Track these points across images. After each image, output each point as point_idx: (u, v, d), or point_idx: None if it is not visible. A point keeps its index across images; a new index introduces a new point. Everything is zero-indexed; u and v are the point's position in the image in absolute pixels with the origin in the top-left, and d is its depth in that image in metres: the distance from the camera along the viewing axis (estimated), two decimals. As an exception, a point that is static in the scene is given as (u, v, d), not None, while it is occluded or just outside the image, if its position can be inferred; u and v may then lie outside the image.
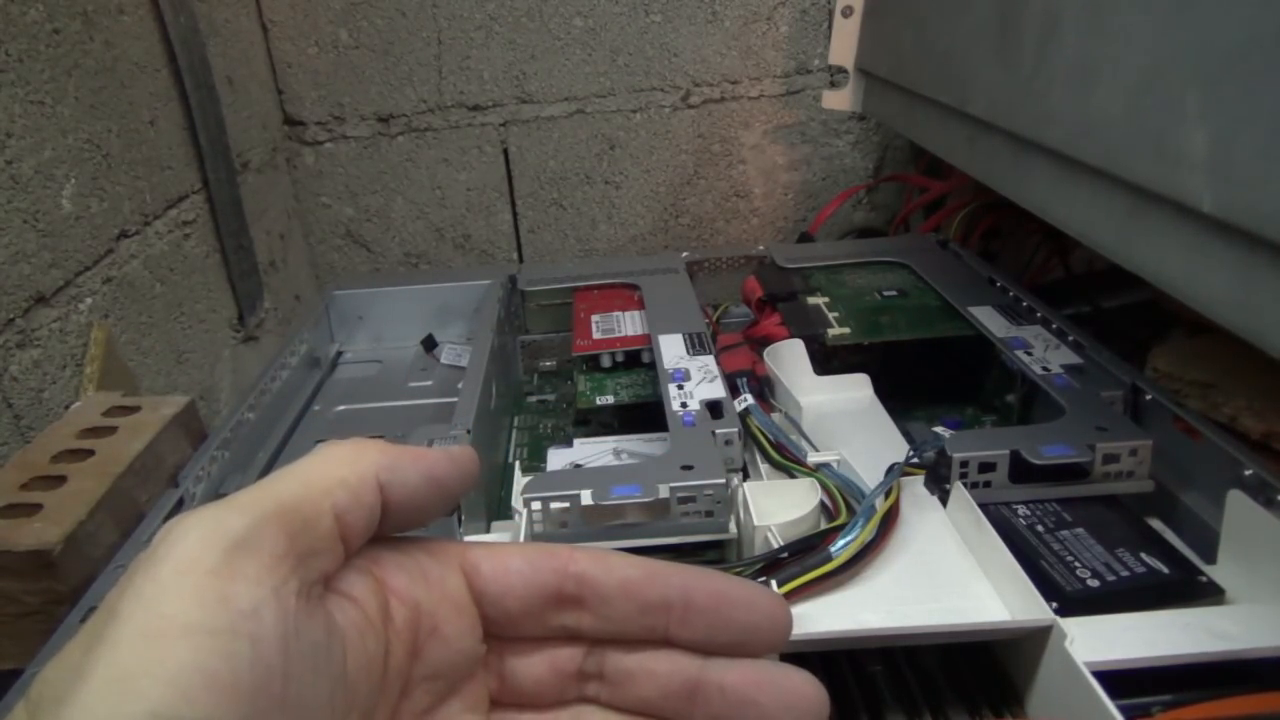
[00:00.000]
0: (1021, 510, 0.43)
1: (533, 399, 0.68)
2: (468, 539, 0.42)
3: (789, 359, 0.57)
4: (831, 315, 0.62)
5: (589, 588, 0.22)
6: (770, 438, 0.48)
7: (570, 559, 0.22)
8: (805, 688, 0.22)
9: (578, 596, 0.22)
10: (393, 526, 0.22)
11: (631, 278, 0.70)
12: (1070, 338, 0.54)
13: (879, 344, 0.59)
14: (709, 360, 0.54)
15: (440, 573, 0.22)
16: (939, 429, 0.54)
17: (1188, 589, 0.37)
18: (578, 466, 0.51)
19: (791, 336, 0.59)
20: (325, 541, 0.20)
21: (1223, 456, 0.41)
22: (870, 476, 0.44)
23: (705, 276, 0.75)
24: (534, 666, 0.23)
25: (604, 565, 0.22)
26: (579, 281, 0.71)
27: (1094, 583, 0.37)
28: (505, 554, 0.23)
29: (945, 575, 0.38)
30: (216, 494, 0.50)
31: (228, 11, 0.85)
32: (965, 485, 0.42)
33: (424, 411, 0.63)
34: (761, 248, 0.75)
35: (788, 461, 0.47)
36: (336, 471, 0.20)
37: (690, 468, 0.43)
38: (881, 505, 0.41)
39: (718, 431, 0.47)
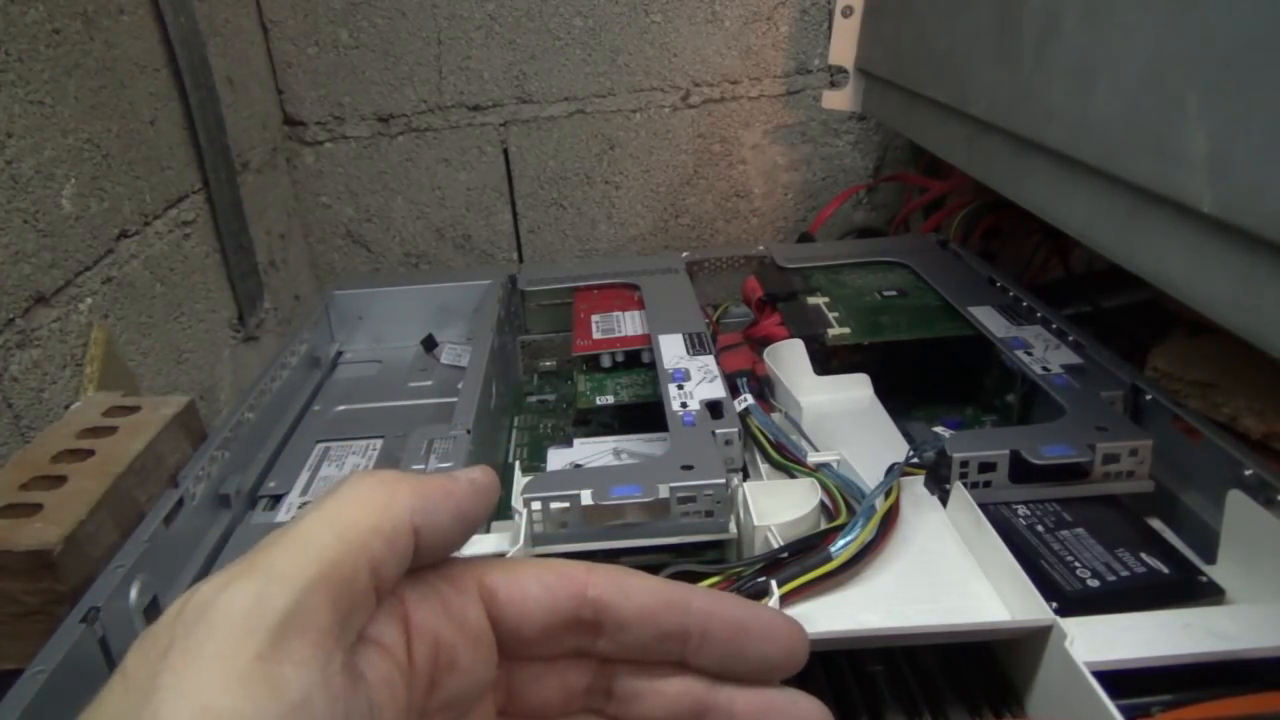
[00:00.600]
0: (1021, 510, 0.43)
1: (533, 399, 0.68)
2: (474, 548, 0.42)
3: (789, 359, 0.57)
4: (831, 315, 0.62)
5: (606, 614, 0.22)
6: (770, 438, 0.48)
7: (588, 583, 0.22)
8: (813, 713, 0.22)
9: (595, 623, 0.22)
10: (418, 564, 0.21)
11: (631, 278, 0.70)
12: (1070, 338, 0.54)
13: (879, 344, 0.59)
14: (709, 360, 0.54)
15: (461, 603, 0.21)
16: (939, 429, 0.54)
17: (1188, 589, 0.37)
18: (578, 466, 0.51)
19: (791, 336, 0.59)
20: (363, 598, 0.19)
21: (1223, 456, 0.41)
22: (870, 476, 0.44)
23: (705, 276, 0.75)
24: (543, 684, 0.22)
25: (622, 591, 0.22)
26: (579, 281, 0.71)
27: (1094, 583, 0.37)
28: (522, 579, 0.22)
29: (945, 575, 0.38)
30: (217, 494, 0.50)
31: (228, 11, 0.85)
32: (965, 485, 0.42)
33: (424, 411, 0.63)
34: (761, 248, 0.75)
35: (788, 461, 0.47)
36: (371, 519, 0.19)
37: (690, 468, 0.43)
38: (881, 505, 0.41)
39: (718, 431, 0.47)
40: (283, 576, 0.17)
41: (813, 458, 0.47)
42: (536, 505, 0.42)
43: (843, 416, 0.53)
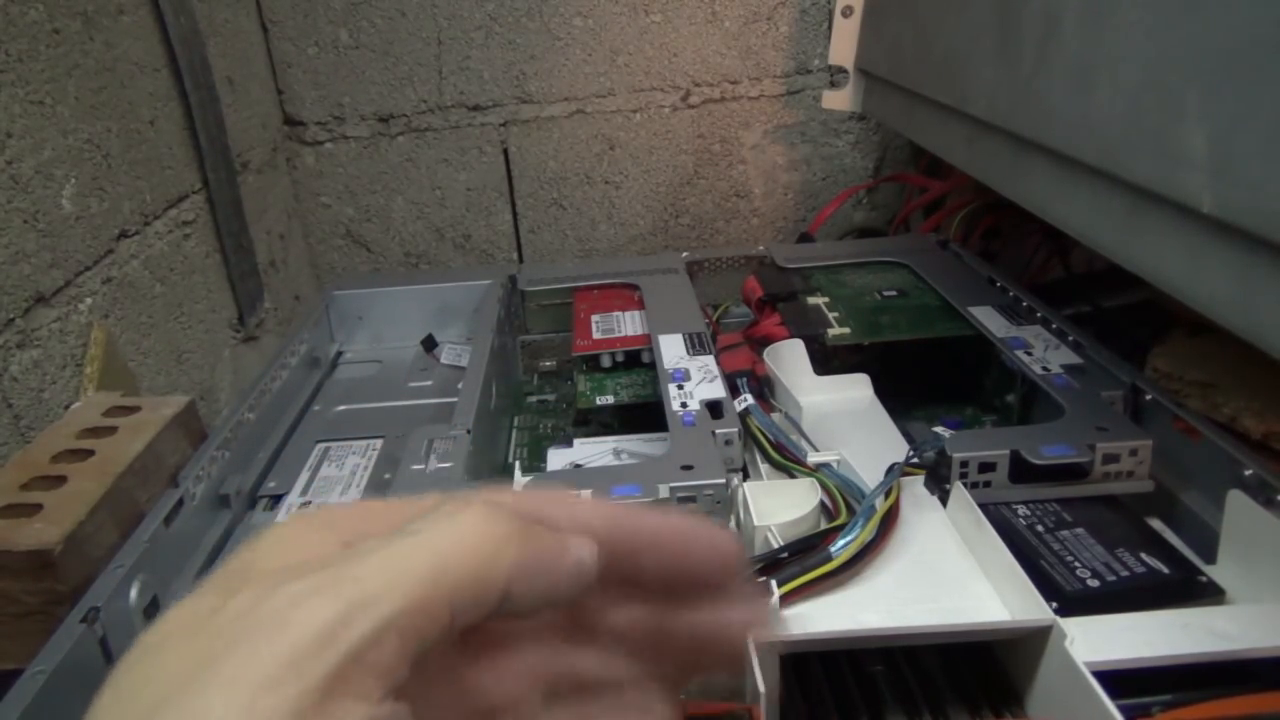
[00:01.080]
0: (1021, 510, 0.43)
1: (533, 399, 0.68)
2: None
3: (789, 359, 0.57)
4: (831, 315, 0.62)
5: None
6: (770, 438, 0.48)
7: (540, 510, 0.21)
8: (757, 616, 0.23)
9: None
10: (488, 618, 0.20)
11: (631, 278, 0.70)
12: (1070, 338, 0.54)
13: (879, 344, 0.59)
14: (709, 360, 0.54)
15: None
16: (939, 429, 0.54)
17: (1188, 589, 0.37)
18: (578, 466, 0.51)
19: (791, 336, 0.59)
20: (435, 639, 0.18)
21: (1223, 456, 0.41)
22: (870, 476, 0.44)
23: (705, 276, 0.75)
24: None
25: (569, 513, 0.22)
26: (579, 281, 0.71)
27: (1094, 583, 0.37)
28: None
29: (945, 575, 0.38)
30: (217, 494, 0.50)
31: (228, 11, 0.85)
32: (965, 485, 0.42)
33: (424, 411, 0.63)
34: (761, 248, 0.75)
35: (788, 461, 0.47)
36: (470, 565, 0.19)
37: (690, 468, 0.43)
38: (881, 505, 0.41)
39: (718, 431, 0.47)
40: (368, 602, 0.17)
41: (813, 458, 0.47)
42: (536, 505, 0.42)
43: (843, 416, 0.53)
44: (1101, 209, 0.41)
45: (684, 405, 0.49)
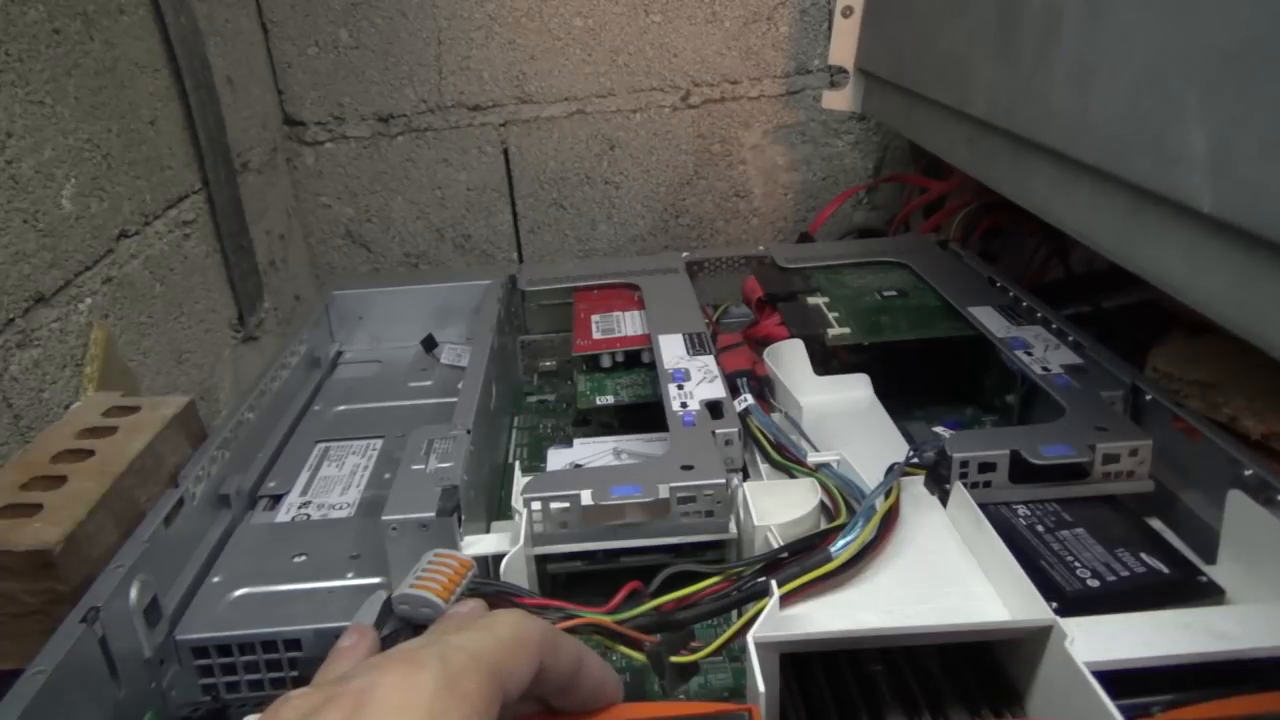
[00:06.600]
0: (1021, 510, 0.43)
1: (533, 399, 0.68)
2: (475, 548, 0.42)
3: (789, 359, 0.57)
4: (831, 315, 0.62)
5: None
6: (770, 438, 0.48)
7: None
8: None
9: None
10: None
11: (631, 278, 0.70)
12: (1070, 338, 0.54)
13: (879, 344, 0.59)
14: (709, 360, 0.54)
15: None
16: (939, 429, 0.54)
17: (1188, 589, 0.37)
18: (578, 466, 0.51)
19: (791, 336, 0.59)
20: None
21: (1223, 456, 0.41)
22: (870, 476, 0.44)
23: (705, 276, 0.75)
24: None
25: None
26: (579, 281, 0.71)
27: (1094, 583, 0.37)
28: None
29: (945, 575, 0.38)
30: (217, 494, 0.50)
31: (228, 11, 0.85)
32: (965, 485, 0.42)
33: (424, 411, 0.63)
34: (761, 248, 0.75)
35: (788, 461, 0.47)
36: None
37: (690, 468, 0.43)
38: (881, 505, 0.41)
39: (718, 431, 0.47)
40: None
41: (813, 458, 0.47)
42: (536, 505, 0.42)
43: (843, 416, 0.53)
44: (1101, 209, 0.41)
45: (684, 405, 0.49)
